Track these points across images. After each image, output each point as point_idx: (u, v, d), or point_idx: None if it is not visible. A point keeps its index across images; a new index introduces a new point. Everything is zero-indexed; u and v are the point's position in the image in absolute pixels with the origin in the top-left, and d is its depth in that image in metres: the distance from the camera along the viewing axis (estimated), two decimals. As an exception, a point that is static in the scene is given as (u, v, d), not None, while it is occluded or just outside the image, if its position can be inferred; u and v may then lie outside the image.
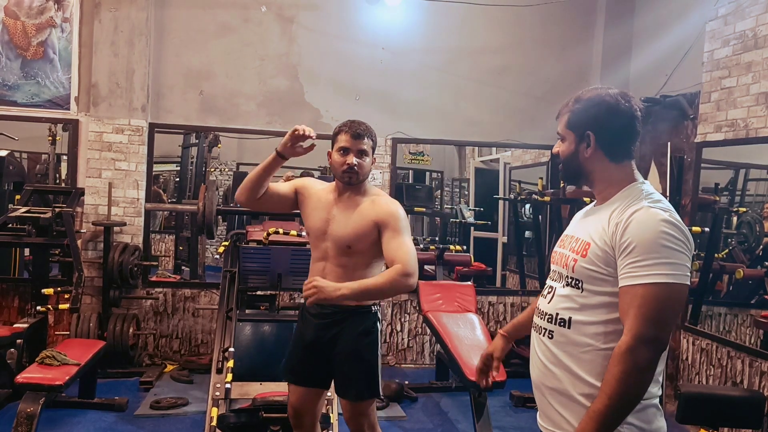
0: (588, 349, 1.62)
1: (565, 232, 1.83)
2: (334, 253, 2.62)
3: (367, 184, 2.71)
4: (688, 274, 1.54)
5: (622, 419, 1.54)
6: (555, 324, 1.69)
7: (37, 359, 3.67)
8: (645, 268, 1.51)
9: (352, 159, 2.60)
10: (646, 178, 1.75)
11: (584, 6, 5.65)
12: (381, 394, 2.76)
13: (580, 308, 1.65)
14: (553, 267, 1.80)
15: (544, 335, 1.73)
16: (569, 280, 1.68)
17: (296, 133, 2.55)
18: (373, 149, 2.70)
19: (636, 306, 1.51)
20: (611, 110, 1.68)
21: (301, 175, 7.99)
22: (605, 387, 1.53)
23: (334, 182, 2.72)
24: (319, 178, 6.45)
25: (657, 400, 1.63)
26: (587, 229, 1.69)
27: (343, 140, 2.65)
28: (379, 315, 2.74)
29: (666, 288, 1.51)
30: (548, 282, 1.81)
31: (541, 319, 1.76)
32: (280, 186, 2.80)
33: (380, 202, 2.62)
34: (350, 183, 2.63)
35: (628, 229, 1.56)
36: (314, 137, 2.59)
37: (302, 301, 4.87)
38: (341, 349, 2.66)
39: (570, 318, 1.66)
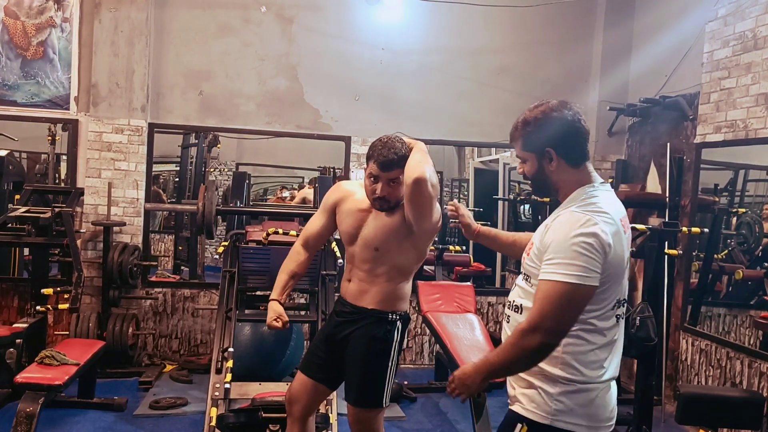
0: None
1: None
2: (361, 257, 2.62)
3: None
4: (592, 276, 1.66)
5: (505, 376, 1.85)
6: (511, 310, 1.91)
7: (36, 359, 3.68)
8: (554, 266, 1.68)
9: (381, 190, 2.50)
10: (646, 179, 1.82)
11: (584, 7, 5.65)
12: (384, 405, 2.66)
13: (528, 297, 1.82)
14: None
15: (506, 320, 1.94)
16: (522, 274, 1.89)
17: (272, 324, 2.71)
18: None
19: (539, 298, 1.70)
20: (561, 123, 1.81)
21: (310, 181, 8.01)
22: (500, 348, 1.79)
23: None
24: (319, 177, 6.47)
25: (603, 386, 1.78)
26: (538, 231, 1.86)
27: (372, 168, 2.50)
28: (399, 324, 2.64)
29: (567, 287, 1.65)
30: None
31: (507, 306, 1.97)
32: (318, 227, 2.79)
33: None
34: (382, 209, 2.55)
35: (550, 230, 1.75)
36: (282, 328, 2.71)
37: (302, 301, 4.87)
38: (351, 350, 2.64)
39: (521, 305, 1.86)
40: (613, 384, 1.83)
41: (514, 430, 1.79)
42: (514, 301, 1.89)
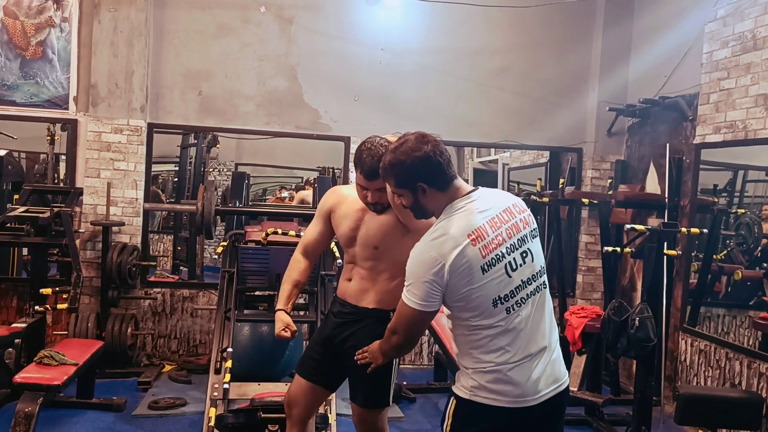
0: (452, 332, 2.10)
1: None
2: (362, 256, 2.62)
3: None
4: (431, 303, 1.97)
5: (390, 359, 2.38)
6: None
7: (35, 359, 3.67)
8: (405, 287, 2.01)
9: (371, 197, 2.52)
10: (645, 180, 1.87)
11: (583, 7, 5.65)
12: (391, 403, 2.69)
13: None
14: None
15: None
16: None
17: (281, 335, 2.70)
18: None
19: (397, 311, 2.08)
20: (423, 159, 2.00)
21: (307, 182, 7.98)
22: (384, 337, 2.21)
23: None
24: (319, 176, 6.47)
25: (507, 367, 1.98)
26: None
27: (359, 178, 2.53)
28: None
29: (411, 311, 2.00)
30: None
31: None
32: (315, 234, 2.79)
33: None
34: (377, 212, 2.57)
35: (410, 254, 2.02)
36: (291, 338, 2.71)
37: (302, 301, 4.87)
38: (354, 351, 2.61)
39: None
40: (532, 362, 2.00)
41: (449, 403, 2.10)
42: None
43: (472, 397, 2.01)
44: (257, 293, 4.58)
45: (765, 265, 4.34)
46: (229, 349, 3.66)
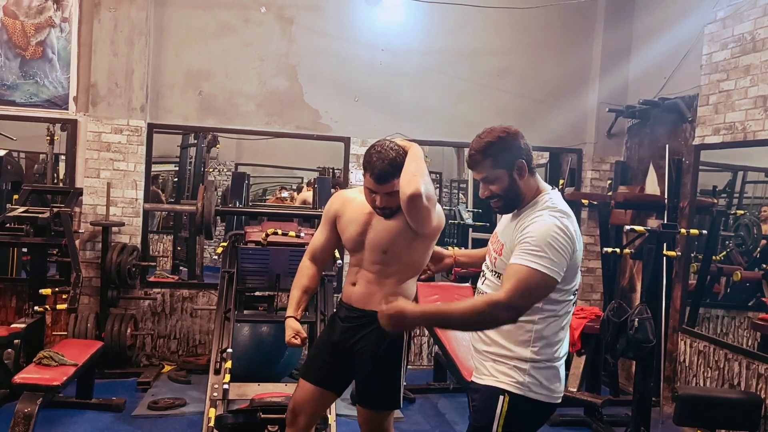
0: (524, 323, 2.03)
1: (495, 231, 2.25)
2: (370, 260, 2.60)
3: None
4: (559, 272, 1.92)
5: (450, 329, 2.13)
6: None
7: (34, 359, 3.67)
8: (531, 254, 1.91)
9: (380, 201, 2.50)
10: (645, 181, 1.93)
11: (584, 9, 5.65)
12: (401, 405, 2.68)
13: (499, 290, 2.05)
14: (486, 257, 2.24)
15: None
16: (493, 272, 2.14)
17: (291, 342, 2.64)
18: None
19: (515, 279, 1.90)
20: (518, 138, 2.07)
21: (308, 183, 7.98)
22: (463, 305, 1.99)
23: None
24: (319, 176, 6.47)
25: (559, 363, 2.08)
26: (506, 233, 2.11)
27: (368, 182, 2.49)
28: None
29: (538, 275, 1.89)
30: (483, 267, 2.26)
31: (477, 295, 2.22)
32: (322, 240, 2.76)
33: None
34: (385, 217, 2.55)
35: (529, 227, 1.97)
36: (301, 345, 2.63)
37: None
38: (363, 355, 2.61)
39: None
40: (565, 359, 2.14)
41: (497, 401, 2.03)
42: (485, 293, 2.16)
43: (527, 393, 2.03)
44: (257, 294, 4.57)
45: (764, 266, 4.35)
46: (229, 350, 3.66)
